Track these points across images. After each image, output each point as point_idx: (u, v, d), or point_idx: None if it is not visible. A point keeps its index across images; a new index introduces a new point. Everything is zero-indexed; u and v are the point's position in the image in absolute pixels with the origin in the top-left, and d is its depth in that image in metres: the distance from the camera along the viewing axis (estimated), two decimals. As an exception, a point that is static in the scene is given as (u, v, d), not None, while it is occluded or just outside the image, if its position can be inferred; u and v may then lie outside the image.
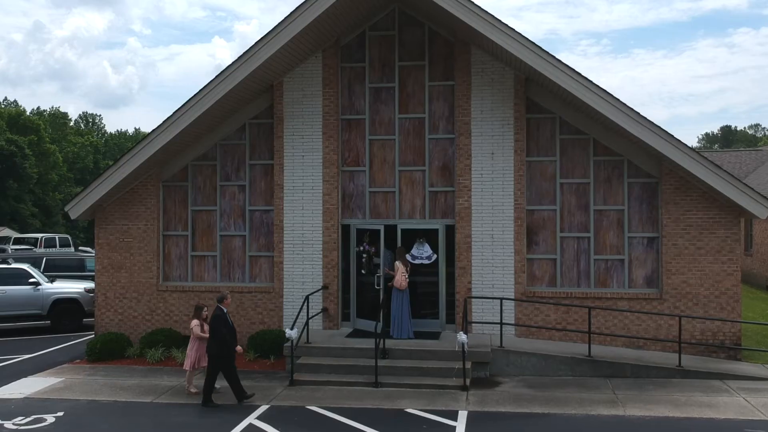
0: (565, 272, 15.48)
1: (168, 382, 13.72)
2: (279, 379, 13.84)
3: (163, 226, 16.73)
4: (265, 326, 16.08)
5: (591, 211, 15.40)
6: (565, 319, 15.23)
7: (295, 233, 15.95)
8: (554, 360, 13.92)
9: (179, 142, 15.90)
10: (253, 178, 16.46)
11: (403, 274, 15.04)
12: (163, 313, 16.50)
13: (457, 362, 13.48)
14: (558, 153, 15.48)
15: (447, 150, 15.78)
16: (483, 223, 15.36)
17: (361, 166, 16.04)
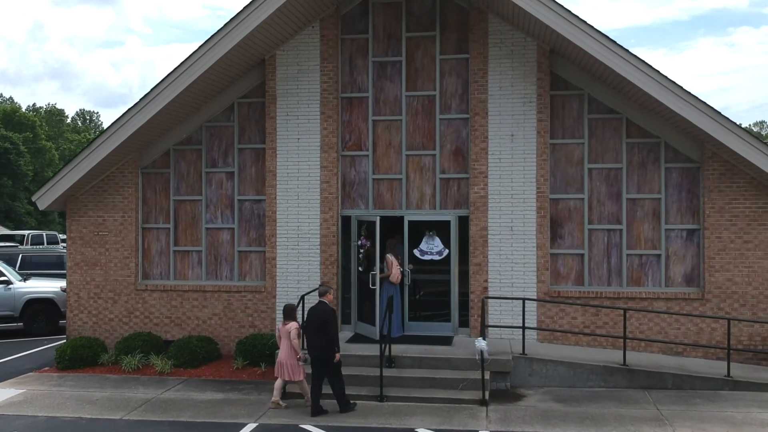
0: (593, 269, 13.72)
1: (143, 394, 11.98)
2: (270, 391, 12.06)
3: (142, 218, 15.00)
4: (255, 330, 14.35)
5: (623, 200, 13.65)
6: (594, 322, 13.48)
7: (289, 226, 14.20)
8: (584, 369, 12.17)
9: (160, 123, 14.16)
10: (243, 164, 14.72)
11: (398, 267, 13.56)
12: (142, 315, 14.76)
13: (474, 372, 11.76)
14: (586, 135, 13.72)
15: (460, 132, 14.03)
16: (501, 214, 13.61)
17: (364, 150, 14.30)
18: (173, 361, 13.53)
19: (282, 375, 11.05)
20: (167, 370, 13.29)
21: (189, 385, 12.52)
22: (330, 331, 10.56)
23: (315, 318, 10.66)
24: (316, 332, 10.61)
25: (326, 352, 10.56)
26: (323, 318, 10.61)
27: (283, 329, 11.02)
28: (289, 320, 11.06)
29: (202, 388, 12.35)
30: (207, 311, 14.53)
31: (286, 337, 10.97)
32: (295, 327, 10.98)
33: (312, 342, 10.68)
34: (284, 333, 10.99)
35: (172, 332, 14.66)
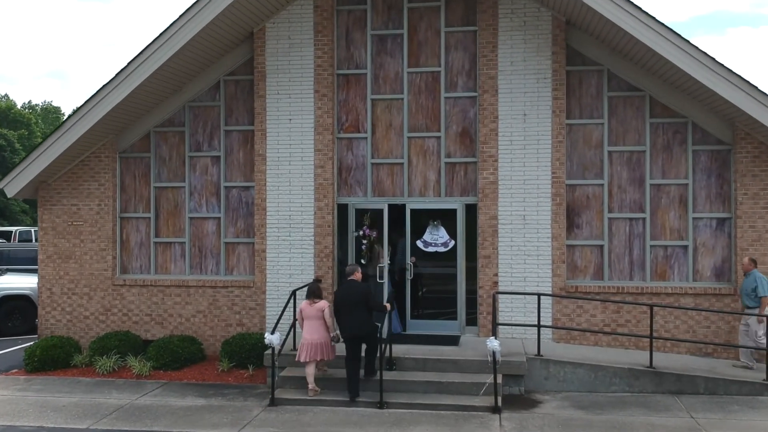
0: (614, 262, 12.50)
1: (116, 399, 10.76)
2: (257, 396, 10.88)
3: (120, 207, 13.76)
4: (243, 328, 13.13)
5: (646, 186, 12.43)
6: (615, 320, 12.26)
7: (280, 215, 12.98)
8: (606, 372, 10.95)
9: (138, 102, 12.94)
10: (230, 147, 13.49)
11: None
12: (120, 313, 13.53)
13: (484, 375, 10.56)
14: (606, 114, 12.50)
15: (468, 111, 12.80)
16: (513, 202, 12.38)
17: (362, 132, 13.07)
18: (152, 363, 12.31)
19: (316, 356, 10.39)
20: (145, 372, 12.07)
21: (168, 390, 11.31)
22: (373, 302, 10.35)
23: (350, 296, 10.29)
24: (353, 310, 10.22)
25: (366, 327, 10.24)
26: (362, 293, 10.31)
27: (313, 308, 10.52)
28: (317, 299, 10.58)
29: (183, 392, 11.14)
30: (190, 308, 13.31)
31: (317, 317, 10.47)
32: (326, 305, 10.60)
33: (348, 321, 10.24)
34: (314, 312, 10.49)
35: (152, 331, 13.43)
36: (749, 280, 11.19)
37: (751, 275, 11.20)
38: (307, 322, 10.49)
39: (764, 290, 11.01)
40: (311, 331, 10.43)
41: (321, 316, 10.49)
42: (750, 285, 11.15)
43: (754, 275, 11.17)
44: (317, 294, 10.63)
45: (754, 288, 11.08)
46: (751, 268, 11.28)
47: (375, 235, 12.72)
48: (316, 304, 10.56)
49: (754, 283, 11.08)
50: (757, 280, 11.08)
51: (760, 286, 11.03)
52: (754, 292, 11.09)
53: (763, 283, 11.05)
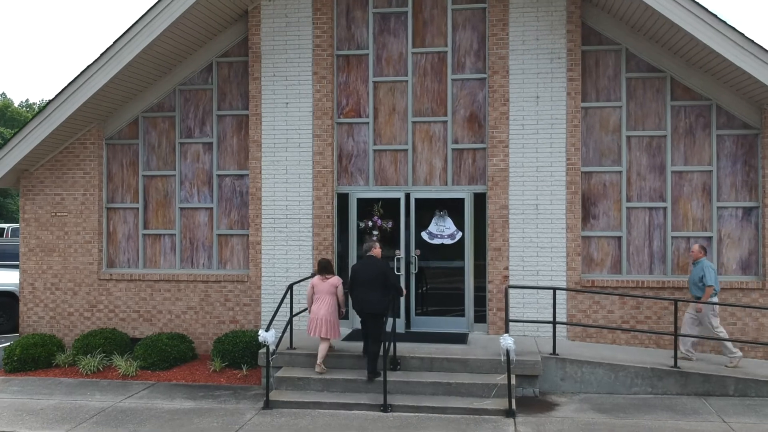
0: (632, 254, 11.71)
1: (99, 401, 9.96)
2: (251, 398, 10.08)
3: (106, 197, 12.97)
4: (237, 325, 12.33)
5: (667, 173, 11.64)
6: (635, 316, 11.46)
7: (276, 205, 12.18)
8: (627, 372, 10.15)
9: (126, 85, 12.14)
10: (223, 133, 12.70)
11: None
12: (106, 309, 12.73)
13: (496, 375, 9.78)
14: (624, 97, 11.71)
15: (476, 94, 12.01)
16: (524, 190, 11.59)
17: (363, 116, 12.28)
18: (139, 363, 11.52)
19: (320, 332, 10.00)
20: (132, 372, 11.28)
21: (155, 391, 10.51)
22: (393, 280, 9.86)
23: (368, 272, 9.87)
24: (370, 287, 9.81)
25: (379, 306, 9.79)
26: (381, 270, 9.87)
27: (326, 284, 10.14)
28: (329, 274, 10.19)
29: (171, 394, 10.34)
30: (181, 304, 12.51)
31: (328, 293, 10.11)
32: (339, 281, 10.23)
33: (364, 298, 9.84)
34: (326, 288, 10.12)
35: (140, 328, 12.63)
36: (697, 269, 10.49)
37: (700, 264, 10.48)
38: (318, 298, 10.13)
39: (710, 279, 10.31)
40: (320, 306, 10.08)
41: (333, 292, 10.12)
42: (698, 274, 10.45)
43: (702, 264, 10.44)
44: (329, 269, 10.19)
45: (701, 277, 10.38)
46: (701, 256, 10.55)
47: (391, 225, 11.92)
48: (328, 279, 10.15)
49: (702, 272, 10.38)
50: (705, 269, 10.36)
51: (707, 275, 10.31)
52: (701, 281, 10.39)
53: (711, 273, 10.33)
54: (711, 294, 10.35)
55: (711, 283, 10.33)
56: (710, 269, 10.38)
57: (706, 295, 10.36)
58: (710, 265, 10.46)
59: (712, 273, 10.37)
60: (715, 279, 10.39)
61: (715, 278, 10.39)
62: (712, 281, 10.34)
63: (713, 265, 10.54)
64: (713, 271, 10.39)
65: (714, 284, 10.34)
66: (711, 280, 10.34)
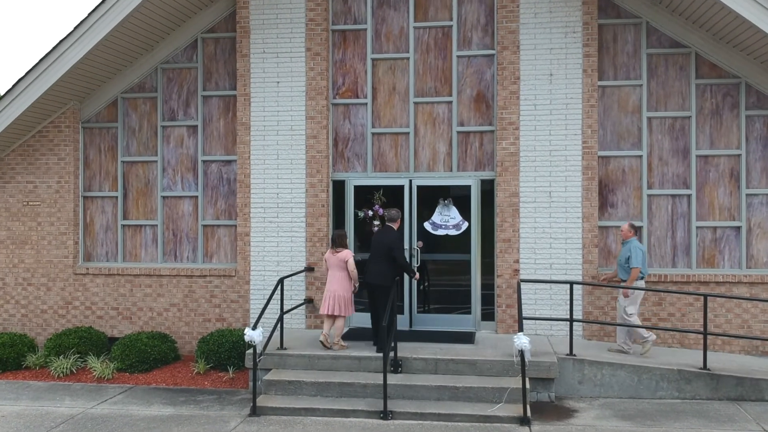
0: (654, 246, 10.77)
1: (68, 407, 9.00)
2: (237, 404, 9.12)
3: (83, 185, 11.99)
4: (224, 324, 11.37)
5: (692, 157, 10.70)
6: (657, 313, 10.52)
7: (266, 193, 11.22)
8: (652, 375, 9.20)
9: (103, 62, 11.17)
10: (209, 115, 11.73)
11: None
12: (83, 306, 11.75)
13: (508, 378, 8.84)
14: (644, 74, 10.76)
15: (484, 72, 11.06)
16: (537, 176, 10.64)
17: (361, 97, 11.32)
18: (116, 364, 10.56)
19: (330, 310, 9.59)
20: (108, 375, 10.32)
21: (132, 396, 9.54)
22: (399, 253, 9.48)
23: (377, 242, 9.65)
24: (376, 257, 9.57)
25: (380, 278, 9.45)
26: (389, 241, 9.52)
27: (335, 257, 9.67)
28: (340, 248, 9.69)
29: (149, 399, 9.38)
30: (163, 301, 11.54)
31: (338, 267, 9.65)
32: (351, 254, 9.69)
33: (369, 268, 9.59)
34: (336, 262, 9.66)
35: (119, 327, 11.66)
36: (625, 249, 9.62)
37: (628, 244, 9.61)
38: (330, 273, 9.74)
39: (637, 261, 9.44)
40: (330, 282, 9.70)
41: (344, 267, 9.64)
42: (625, 255, 9.59)
43: (631, 244, 9.56)
44: (339, 242, 9.68)
45: (628, 258, 9.51)
46: (630, 236, 9.67)
47: None
48: (338, 253, 9.66)
49: (629, 253, 9.50)
50: (632, 250, 9.49)
51: (634, 257, 9.44)
52: (627, 262, 9.52)
53: (638, 254, 9.45)
54: (637, 277, 9.46)
55: (637, 264, 9.43)
56: (638, 250, 9.48)
57: (632, 278, 9.45)
58: (639, 245, 9.55)
59: (640, 254, 9.47)
60: (642, 261, 9.50)
61: (642, 260, 9.50)
62: (639, 263, 9.44)
63: (643, 247, 9.62)
64: (641, 253, 9.50)
65: (640, 266, 9.45)
66: (637, 261, 9.44)
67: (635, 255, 9.46)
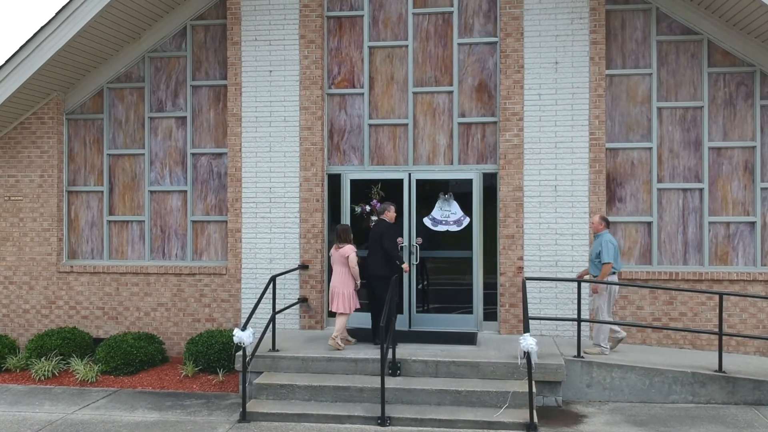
0: (664, 243, 10.29)
1: (47, 413, 8.49)
2: (226, 408, 8.63)
3: (67, 179, 11.49)
4: (214, 324, 10.88)
5: (704, 149, 10.22)
6: (668, 313, 10.04)
7: (259, 187, 10.72)
8: (664, 377, 8.72)
9: (88, 50, 10.66)
10: (198, 106, 11.23)
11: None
12: (67, 306, 11.25)
13: (513, 382, 8.35)
14: (654, 63, 10.28)
15: (486, 60, 10.57)
16: (542, 170, 10.15)
17: (358, 86, 10.82)
18: (101, 366, 10.06)
19: (332, 306, 9.33)
20: (91, 378, 9.81)
21: (116, 400, 9.04)
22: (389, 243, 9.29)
23: (372, 235, 9.49)
24: (372, 250, 9.43)
25: (376, 267, 9.31)
26: (380, 232, 9.36)
27: (337, 253, 9.35)
28: (342, 243, 9.35)
29: (133, 403, 8.88)
30: (151, 300, 11.04)
31: (340, 263, 9.32)
32: (352, 250, 9.30)
33: (366, 260, 9.48)
34: (337, 258, 9.34)
35: (104, 327, 11.16)
36: (596, 243, 9.13)
37: (599, 238, 9.10)
38: (333, 269, 9.44)
39: (608, 256, 8.92)
40: (333, 278, 9.41)
41: (346, 263, 9.28)
42: (596, 249, 9.09)
43: (602, 238, 9.06)
44: (343, 237, 9.34)
45: (599, 253, 9.01)
46: (601, 229, 9.17)
47: None
48: (341, 248, 9.31)
49: (600, 248, 9.00)
50: (603, 245, 8.97)
51: (605, 251, 8.91)
52: (598, 257, 9.03)
53: (609, 248, 8.93)
54: (609, 273, 8.97)
55: (608, 259, 8.92)
56: (609, 244, 8.97)
57: (603, 274, 8.97)
58: (611, 239, 9.05)
59: (612, 248, 8.97)
60: (614, 255, 9.00)
61: (615, 254, 9.00)
62: (611, 257, 8.93)
63: (615, 240, 9.12)
64: (613, 247, 9.00)
65: (613, 261, 8.95)
66: (609, 256, 8.93)
67: (606, 249, 8.96)
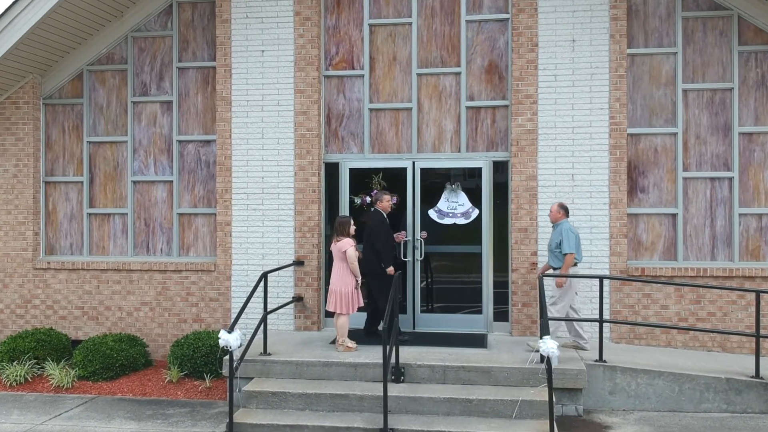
0: (690, 236, 9.47)
1: (14, 423, 7.69)
2: (212, 418, 7.81)
3: (44, 169, 10.67)
4: (202, 325, 10.06)
5: (734, 135, 9.40)
6: (695, 312, 9.22)
7: (250, 177, 9.90)
8: (695, 384, 7.91)
9: (66, 29, 9.84)
10: (185, 89, 10.41)
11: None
12: (44, 305, 10.43)
13: (528, 389, 7.54)
14: (679, 41, 9.46)
15: (497, 39, 9.75)
16: (557, 157, 9.34)
17: (357, 68, 10.00)
18: (78, 371, 9.24)
19: (330, 306, 8.53)
20: (67, 383, 9.00)
21: (92, 408, 8.23)
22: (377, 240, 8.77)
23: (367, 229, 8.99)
24: (365, 242, 8.93)
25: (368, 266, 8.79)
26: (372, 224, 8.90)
27: (335, 248, 8.57)
28: (341, 236, 8.56)
29: (111, 413, 8.06)
30: (134, 299, 10.22)
31: (338, 258, 8.54)
32: (350, 244, 8.47)
33: (365, 256, 8.88)
34: (335, 253, 8.57)
35: (84, 328, 10.34)
36: (556, 233, 8.41)
37: (558, 227, 8.39)
38: (333, 265, 8.66)
39: (569, 246, 8.21)
40: (332, 274, 8.62)
41: (343, 258, 8.48)
42: (556, 240, 8.36)
43: (561, 227, 8.34)
44: (340, 230, 8.56)
45: (559, 243, 8.28)
46: (560, 218, 8.45)
47: (395, 201, 9.63)
48: (338, 242, 8.53)
49: (560, 237, 8.27)
50: (563, 234, 8.25)
51: (566, 241, 8.20)
52: (559, 248, 8.30)
53: (570, 238, 8.22)
54: (572, 264, 8.26)
55: (570, 250, 8.21)
56: (570, 233, 8.26)
57: (566, 265, 8.22)
58: (571, 228, 8.34)
59: (573, 238, 8.25)
60: (576, 245, 8.28)
61: (576, 244, 8.28)
62: (573, 247, 8.22)
63: (575, 230, 8.42)
64: (574, 236, 8.29)
65: (575, 251, 8.25)
66: (570, 246, 8.22)
67: (567, 239, 8.23)
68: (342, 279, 8.44)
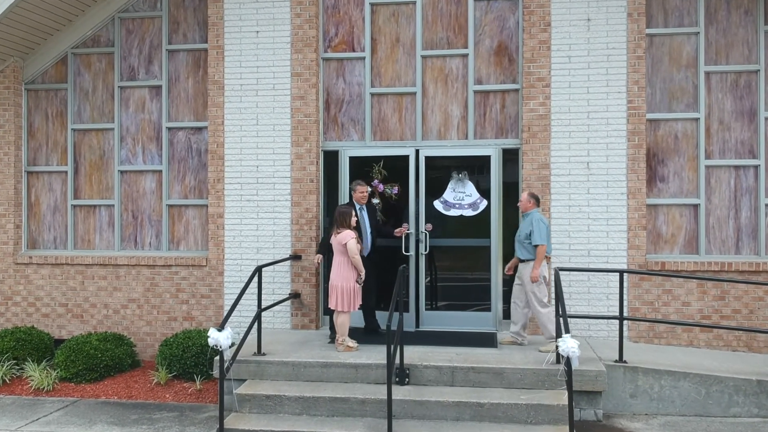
0: (713, 229, 8.89)
1: (-12, 430, 7.10)
2: (202, 423, 7.22)
3: (26, 158, 10.08)
4: (193, 323, 9.47)
5: (760, 120, 8.82)
6: (719, 309, 8.64)
7: (244, 166, 9.32)
8: (724, 386, 7.33)
9: (50, 9, 9.25)
10: (175, 73, 9.82)
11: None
12: (25, 302, 9.84)
13: (544, 392, 6.95)
14: (701, 20, 8.88)
15: (506, 18, 9.16)
16: (571, 144, 8.75)
17: (358, 50, 9.41)
18: (60, 372, 8.65)
19: (330, 303, 7.93)
20: (48, 385, 8.41)
21: (73, 413, 7.64)
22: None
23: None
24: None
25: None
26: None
27: (335, 240, 7.93)
28: (341, 228, 7.91)
29: (93, 417, 7.47)
30: (120, 296, 9.63)
31: (338, 252, 7.90)
32: (351, 236, 7.82)
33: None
34: (335, 246, 7.94)
35: (68, 327, 9.75)
36: (525, 223, 7.93)
37: (528, 217, 7.92)
38: (333, 259, 8.01)
39: (540, 237, 7.74)
40: (332, 271, 8.00)
41: (343, 251, 7.85)
42: (525, 230, 7.88)
43: (532, 217, 7.87)
44: (339, 221, 7.91)
45: (529, 234, 7.80)
46: (530, 207, 7.98)
47: (397, 192, 9.04)
48: (338, 234, 7.88)
49: (530, 227, 7.79)
50: (534, 224, 7.78)
51: (537, 231, 7.73)
52: (528, 239, 7.81)
53: (541, 228, 7.75)
54: (544, 255, 7.78)
55: (542, 241, 7.74)
56: (541, 223, 7.78)
57: (539, 258, 7.72)
58: (542, 218, 7.86)
59: (544, 228, 7.78)
60: (547, 236, 7.81)
61: (547, 235, 7.81)
62: (543, 239, 7.74)
63: (546, 220, 7.95)
64: (545, 226, 7.81)
65: (546, 243, 7.77)
66: (541, 237, 7.74)
67: (538, 229, 7.75)
68: (342, 274, 7.85)
